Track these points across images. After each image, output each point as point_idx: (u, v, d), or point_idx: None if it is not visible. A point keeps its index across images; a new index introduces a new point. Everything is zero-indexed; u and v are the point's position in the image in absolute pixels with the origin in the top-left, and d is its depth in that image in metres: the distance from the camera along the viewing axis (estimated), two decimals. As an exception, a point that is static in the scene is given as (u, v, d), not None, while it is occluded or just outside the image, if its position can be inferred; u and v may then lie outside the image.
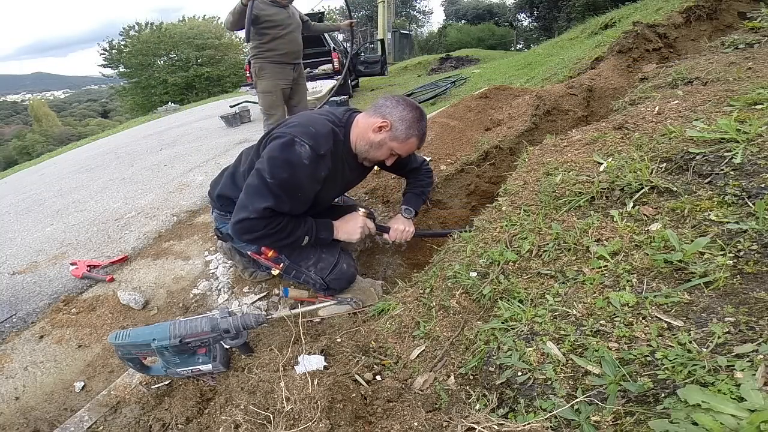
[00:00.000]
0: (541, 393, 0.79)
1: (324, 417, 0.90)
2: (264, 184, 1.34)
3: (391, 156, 1.48)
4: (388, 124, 1.39)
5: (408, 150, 1.46)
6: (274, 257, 1.64)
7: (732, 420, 0.57)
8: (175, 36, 24.13)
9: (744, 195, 0.93)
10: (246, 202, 1.37)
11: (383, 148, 1.43)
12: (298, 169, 1.33)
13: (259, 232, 1.39)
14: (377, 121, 1.40)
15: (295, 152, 1.32)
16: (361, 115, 1.49)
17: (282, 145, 1.33)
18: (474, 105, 3.03)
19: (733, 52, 1.95)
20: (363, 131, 1.44)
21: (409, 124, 1.39)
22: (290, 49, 3.13)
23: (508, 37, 24.95)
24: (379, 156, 1.47)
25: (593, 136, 1.51)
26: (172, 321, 1.26)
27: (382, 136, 1.40)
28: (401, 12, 31.83)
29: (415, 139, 1.43)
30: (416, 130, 1.41)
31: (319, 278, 1.61)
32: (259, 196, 1.34)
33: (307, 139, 1.33)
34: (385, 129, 1.40)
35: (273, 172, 1.32)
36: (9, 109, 78.03)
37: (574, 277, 1.00)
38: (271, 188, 1.33)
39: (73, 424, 1.33)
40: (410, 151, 1.48)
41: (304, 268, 1.63)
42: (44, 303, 2.04)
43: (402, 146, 1.43)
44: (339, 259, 1.64)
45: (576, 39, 7.17)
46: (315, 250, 1.64)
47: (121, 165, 4.81)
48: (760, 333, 0.69)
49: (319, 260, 1.62)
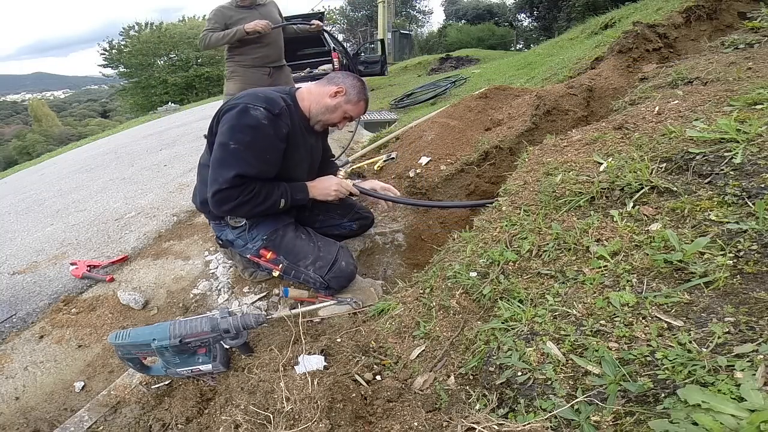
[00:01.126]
0: (541, 393, 0.79)
1: (324, 417, 0.90)
2: (228, 153, 1.39)
3: (343, 119, 1.64)
4: (343, 90, 1.57)
5: (358, 112, 1.64)
6: (273, 258, 1.64)
7: (732, 420, 0.57)
8: (175, 36, 24.11)
9: (744, 195, 0.93)
10: (215, 174, 1.41)
11: (338, 111, 1.59)
12: (259, 130, 1.40)
13: (234, 201, 1.43)
14: (333, 88, 1.57)
15: (251, 116, 1.40)
16: (312, 85, 1.64)
17: (238, 112, 1.41)
18: (474, 105, 3.03)
19: (733, 52, 1.95)
20: (318, 97, 1.59)
21: (358, 90, 1.59)
22: (264, 53, 2.96)
23: (508, 37, 24.94)
24: (333, 119, 1.61)
25: (593, 136, 1.51)
26: (172, 321, 1.26)
27: (338, 100, 1.57)
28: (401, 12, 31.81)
29: (363, 102, 1.63)
30: (364, 95, 1.62)
31: (319, 277, 1.62)
32: (226, 165, 1.39)
33: (260, 103, 1.42)
34: (341, 94, 1.57)
35: (235, 138, 1.39)
36: (9, 109, 78.07)
37: (574, 277, 1.00)
38: (236, 154, 1.39)
39: (73, 424, 1.33)
40: (360, 114, 1.66)
41: (302, 267, 1.64)
42: (44, 303, 2.04)
43: (354, 108, 1.61)
44: (338, 257, 1.65)
45: (576, 39, 7.16)
46: (313, 248, 1.65)
47: (121, 165, 4.81)
48: (760, 333, 0.69)
49: (317, 259, 1.63)
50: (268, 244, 1.66)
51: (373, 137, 4.13)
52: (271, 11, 3.00)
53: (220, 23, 2.84)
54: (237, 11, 2.86)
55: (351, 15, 31.25)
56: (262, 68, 3.04)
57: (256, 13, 2.89)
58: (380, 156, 3.04)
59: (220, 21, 2.84)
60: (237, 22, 2.83)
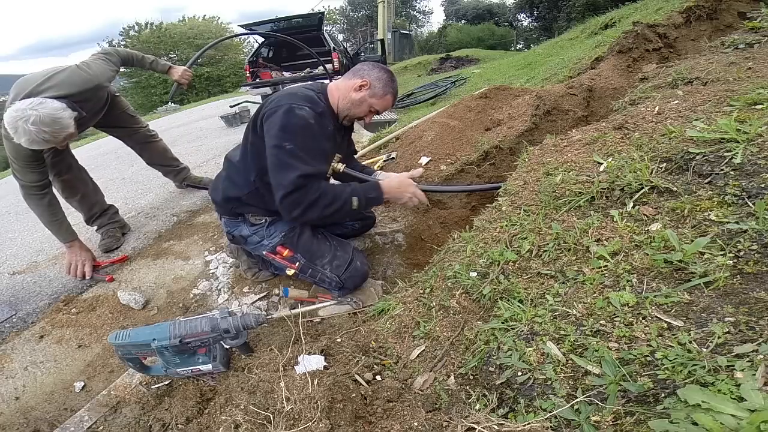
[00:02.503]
0: (541, 393, 0.79)
1: (324, 417, 0.90)
2: (285, 154, 1.36)
3: (369, 113, 1.60)
4: (368, 83, 1.53)
5: (385, 106, 1.60)
6: (290, 256, 1.64)
7: (732, 420, 0.57)
8: (175, 36, 24.13)
9: (744, 195, 0.93)
10: (279, 179, 1.38)
11: (363, 105, 1.56)
12: (308, 128, 1.39)
13: (303, 203, 1.39)
14: (358, 81, 1.54)
15: (298, 116, 1.38)
16: (341, 79, 1.61)
17: (284, 113, 1.38)
18: (474, 105, 3.03)
19: (733, 52, 1.95)
20: (345, 92, 1.56)
21: (384, 83, 1.55)
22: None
23: (508, 37, 24.95)
24: (359, 113, 1.59)
25: (593, 136, 1.51)
26: (172, 321, 1.26)
27: (362, 94, 1.54)
28: (401, 12, 31.82)
29: (390, 96, 1.59)
30: (391, 88, 1.58)
31: (335, 276, 1.62)
32: (286, 167, 1.36)
33: (303, 102, 1.41)
34: (365, 87, 1.53)
35: (288, 139, 1.36)
36: (9, 109, 77.87)
37: (574, 277, 1.00)
38: (293, 154, 1.35)
39: (73, 424, 1.33)
40: (386, 107, 1.62)
41: (319, 266, 1.63)
42: (44, 303, 2.04)
43: (380, 102, 1.57)
44: (353, 257, 1.65)
45: (576, 39, 7.17)
46: (329, 247, 1.66)
47: (121, 165, 4.81)
48: (760, 333, 0.69)
49: (334, 258, 1.63)
50: (285, 241, 1.63)
51: (373, 137, 4.12)
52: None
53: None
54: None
55: (351, 15, 31.28)
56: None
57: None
58: (380, 156, 3.04)
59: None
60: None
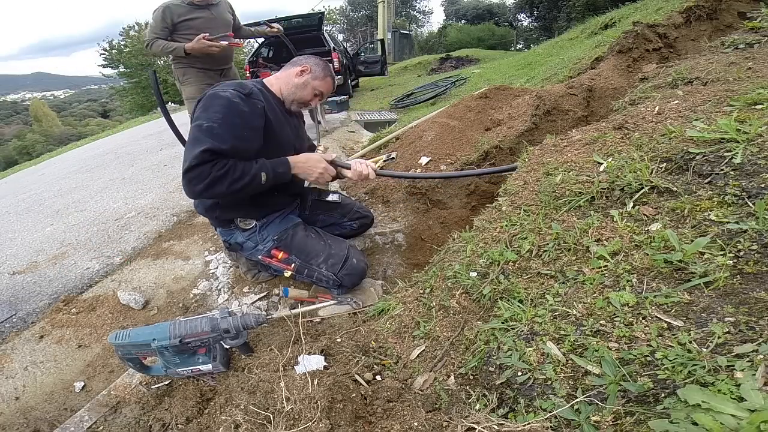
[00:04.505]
0: (541, 393, 0.79)
1: (324, 417, 0.90)
2: (200, 130, 1.38)
3: (314, 96, 1.68)
4: (308, 68, 1.64)
5: (327, 88, 1.69)
6: (285, 258, 1.65)
7: (732, 420, 0.57)
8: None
9: (744, 195, 0.93)
10: (186, 155, 1.38)
11: (308, 88, 1.64)
12: (231, 107, 1.41)
13: (207, 178, 1.35)
14: (298, 68, 1.64)
15: (223, 96, 1.42)
16: (279, 71, 1.70)
17: (209, 97, 1.44)
18: (474, 105, 3.03)
19: (733, 52, 1.95)
20: (287, 78, 1.65)
21: (323, 67, 1.66)
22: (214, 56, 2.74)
23: (508, 37, 24.93)
24: (305, 95, 1.65)
25: (593, 136, 1.51)
26: (172, 321, 1.26)
27: (305, 78, 1.63)
28: (401, 12, 31.80)
29: (330, 78, 1.68)
30: (329, 71, 1.69)
31: (332, 274, 1.63)
32: (197, 142, 1.36)
33: (230, 87, 1.46)
34: (306, 72, 1.64)
35: (208, 117, 1.39)
36: (9, 109, 78.14)
37: (574, 277, 1.00)
38: (208, 131, 1.37)
39: (73, 424, 1.33)
40: (329, 90, 1.71)
41: (315, 265, 1.65)
42: (44, 303, 2.04)
43: (322, 83, 1.66)
44: (349, 254, 1.66)
45: (576, 39, 7.17)
46: (324, 246, 1.67)
47: (121, 165, 4.81)
48: (760, 333, 0.69)
49: (330, 256, 1.65)
50: (279, 244, 1.66)
51: (373, 137, 4.13)
52: (223, 12, 2.81)
53: (168, 24, 2.60)
54: (188, 9, 2.64)
55: (351, 15, 31.26)
56: (213, 70, 2.85)
57: (208, 12, 2.69)
58: (380, 156, 3.04)
59: (168, 21, 2.59)
60: (186, 24, 2.62)
